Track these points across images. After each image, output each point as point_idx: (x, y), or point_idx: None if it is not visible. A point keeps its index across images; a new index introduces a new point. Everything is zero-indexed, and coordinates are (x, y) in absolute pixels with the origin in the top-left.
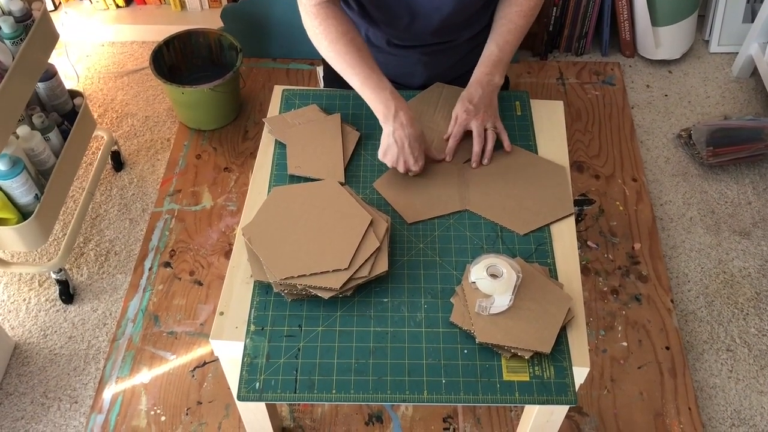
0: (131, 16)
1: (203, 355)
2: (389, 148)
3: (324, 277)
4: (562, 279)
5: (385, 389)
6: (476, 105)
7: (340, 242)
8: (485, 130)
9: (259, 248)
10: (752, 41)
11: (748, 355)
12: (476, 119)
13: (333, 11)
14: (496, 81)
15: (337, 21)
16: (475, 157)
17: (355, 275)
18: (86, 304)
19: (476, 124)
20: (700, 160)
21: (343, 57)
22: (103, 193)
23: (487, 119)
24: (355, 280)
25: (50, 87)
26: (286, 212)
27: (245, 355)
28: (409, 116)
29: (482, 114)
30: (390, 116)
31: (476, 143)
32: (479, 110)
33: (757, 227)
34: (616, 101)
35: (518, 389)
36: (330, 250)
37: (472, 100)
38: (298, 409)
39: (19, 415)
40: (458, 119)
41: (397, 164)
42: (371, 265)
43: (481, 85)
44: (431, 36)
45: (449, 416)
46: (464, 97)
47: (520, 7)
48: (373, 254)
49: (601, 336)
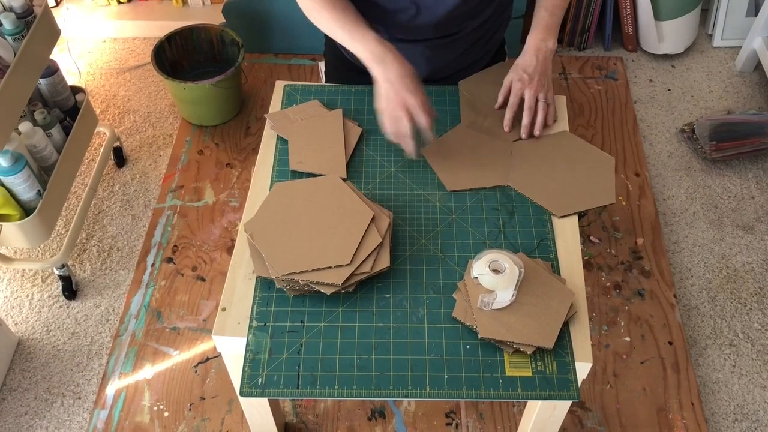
0: (133, 11)
1: (206, 351)
2: (386, 92)
3: (326, 272)
4: (565, 274)
5: (388, 385)
6: (531, 74)
7: (343, 238)
8: (537, 101)
9: (262, 244)
10: (756, 35)
11: (752, 350)
12: (530, 88)
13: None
14: (550, 46)
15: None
16: (525, 129)
17: (357, 271)
18: (89, 300)
19: (529, 94)
20: (703, 154)
21: (328, 17)
22: (106, 189)
23: (540, 89)
24: (357, 275)
25: (52, 83)
26: (288, 208)
27: (248, 350)
28: (398, 57)
29: (536, 83)
30: (378, 60)
31: (526, 115)
32: (533, 79)
33: (761, 222)
34: (618, 96)
35: (521, 384)
36: (332, 245)
37: (527, 69)
38: (301, 404)
39: (23, 410)
40: (513, 88)
41: (397, 107)
42: (373, 260)
43: (536, 51)
44: (435, 29)
45: (452, 411)
46: (519, 65)
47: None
48: (375, 250)
49: (604, 331)
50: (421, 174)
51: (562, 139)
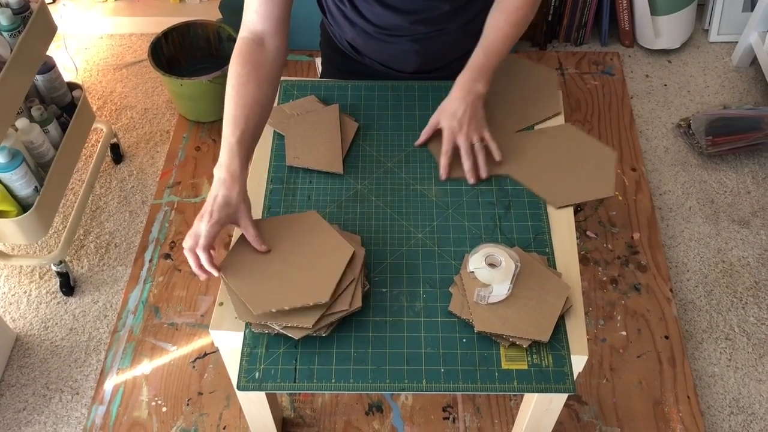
0: (130, 8)
1: (204, 346)
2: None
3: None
4: (561, 268)
5: (384, 378)
6: (460, 120)
7: (321, 275)
8: (472, 145)
9: (235, 283)
10: (752, 30)
11: (747, 344)
12: (461, 134)
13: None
14: (479, 89)
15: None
16: (469, 174)
17: (328, 312)
18: (87, 296)
19: (462, 139)
20: (700, 149)
21: (227, 101)
22: (103, 186)
23: (473, 133)
24: (329, 317)
25: (49, 79)
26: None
27: (245, 345)
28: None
29: (466, 128)
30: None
31: (465, 160)
32: (463, 125)
33: (756, 216)
34: (615, 91)
35: (517, 378)
36: (309, 283)
37: (456, 115)
38: (299, 398)
39: (21, 406)
40: (444, 135)
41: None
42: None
43: (463, 92)
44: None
45: (449, 405)
46: (446, 110)
47: (509, 16)
48: (348, 287)
49: (601, 325)
50: (417, 169)
51: (563, 131)
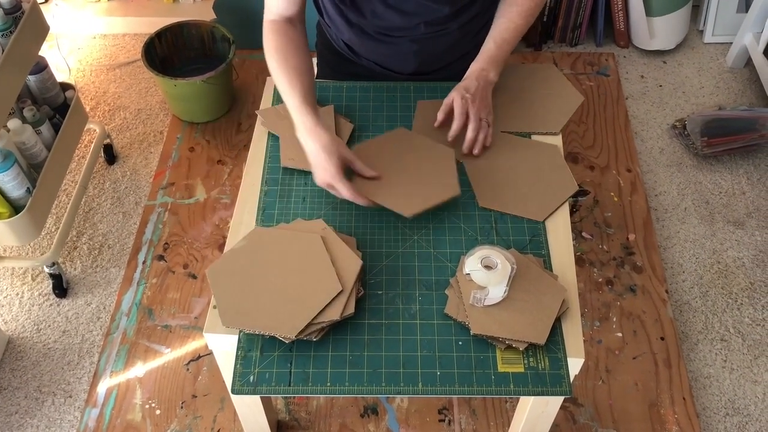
0: (123, 7)
1: (198, 349)
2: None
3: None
4: (557, 270)
5: (380, 381)
6: (473, 94)
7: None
8: (480, 120)
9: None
10: (746, 31)
11: (742, 345)
12: (473, 106)
13: (281, 27)
14: (491, 77)
15: (280, 37)
16: (469, 142)
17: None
18: (80, 298)
19: (473, 111)
20: (695, 150)
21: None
22: (96, 187)
23: (483, 109)
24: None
25: (41, 80)
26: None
27: (239, 348)
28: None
29: (479, 103)
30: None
31: (471, 129)
32: (476, 99)
33: (751, 217)
34: (610, 92)
35: (513, 380)
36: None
37: (469, 89)
38: (294, 402)
39: (13, 409)
40: (456, 105)
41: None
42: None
43: (477, 78)
44: (423, 26)
45: (444, 408)
46: (460, 87)
47: (520, 7)
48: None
49: (596, 327)
50: None
51: (502, 141)
